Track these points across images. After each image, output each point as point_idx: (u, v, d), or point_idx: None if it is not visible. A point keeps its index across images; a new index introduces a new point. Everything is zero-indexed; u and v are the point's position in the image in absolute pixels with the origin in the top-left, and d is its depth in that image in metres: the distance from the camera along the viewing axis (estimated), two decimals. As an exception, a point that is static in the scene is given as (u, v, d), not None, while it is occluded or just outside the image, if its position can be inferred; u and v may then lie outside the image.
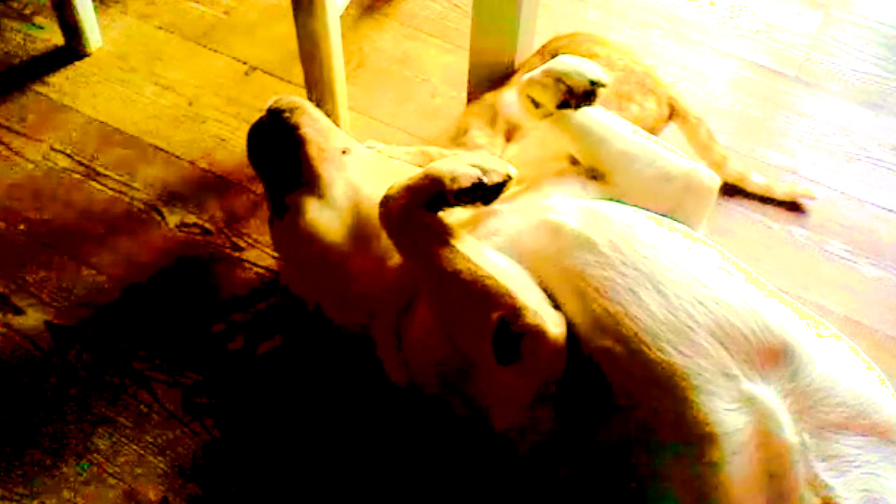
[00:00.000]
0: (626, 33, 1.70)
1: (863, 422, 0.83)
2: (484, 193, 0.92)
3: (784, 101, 1.61)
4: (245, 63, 1.63)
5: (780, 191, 1.42)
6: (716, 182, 1.06)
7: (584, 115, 1.07)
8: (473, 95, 1.43)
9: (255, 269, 1.33)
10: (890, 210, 1.45)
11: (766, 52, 1.69)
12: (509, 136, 1.31)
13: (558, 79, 1.05)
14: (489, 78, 1.41)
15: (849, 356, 0.88)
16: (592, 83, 1.05)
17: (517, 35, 1.36)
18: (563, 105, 1.06)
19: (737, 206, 1.42)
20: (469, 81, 1.46)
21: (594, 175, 1.07)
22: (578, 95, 1.05)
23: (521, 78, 1.10)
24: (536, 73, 1.06)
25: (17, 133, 1.51)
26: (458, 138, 1.34)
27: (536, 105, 1.08)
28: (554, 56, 1.22)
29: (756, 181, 1.41)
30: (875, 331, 1.28)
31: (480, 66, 1.42)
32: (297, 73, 1.42)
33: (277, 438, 1.16)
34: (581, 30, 1.42)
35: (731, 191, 1.41)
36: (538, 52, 1.38)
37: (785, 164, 1.49)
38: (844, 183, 1.48)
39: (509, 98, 1.29)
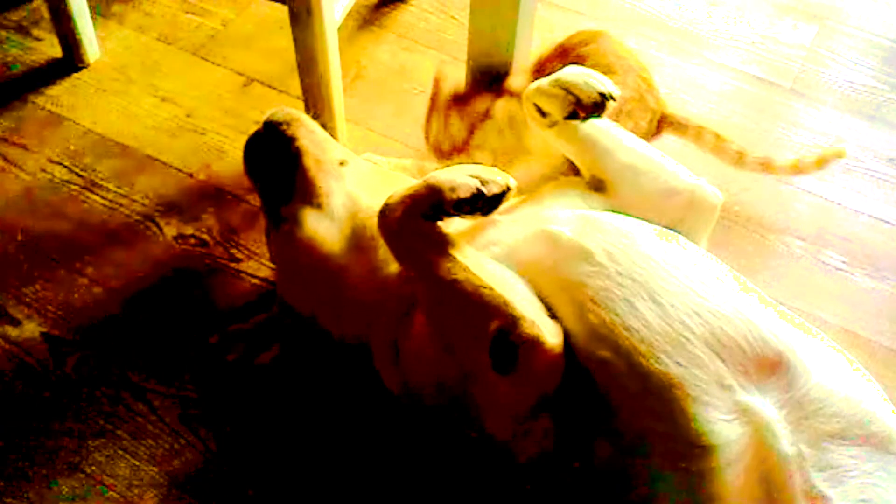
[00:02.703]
0: (622, 45, 1.71)
1: (859, 432, 0.83)
2: (483, 204, 0.92)
3: (779, 113, 1.61)
4: (243, 75, 1.63)
5: (809, 162, 1.36)
6: (719, 199, 1.06)
7: (589, 126, 1.07)
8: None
9: (252, 280, 1.33)
10: (885, 221, 1.45)
11: (761, 64, 1.70)
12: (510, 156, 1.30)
13: (567, 89, 1.04)
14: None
15: (844, 367, 0.88)
16: (602, 95, 1.04)
17: (514, 47, 1.36)
18: (571, 116, 1.05)
19: (733, 217, 1.43)
20: (466, 93, 1.47)
21: (596, 186, 1.07)
22: (587, 107, 1.04)
23: (530, 85, 1.09)
24: (544, 82, 1.05)
25: (15, 144, 1.51)
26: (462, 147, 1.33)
27: (543, 114, 1.08)
28: (578, 61, 1.20)
29: (782, 162, 1.36)
30: (870, 341, 1.29)
31: (478, 77, 1.42)
32: (295, 85, 1.42)
33: (275, 450, 1.16)
34: (605, 31, 1.35)
35: (727, 202, 1.41)
36: (559, 46, 1.33)
37: (780, 174, 1.50)
38: (840, 194, 1.48)
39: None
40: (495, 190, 0.91)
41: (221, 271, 1.34)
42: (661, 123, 1.33)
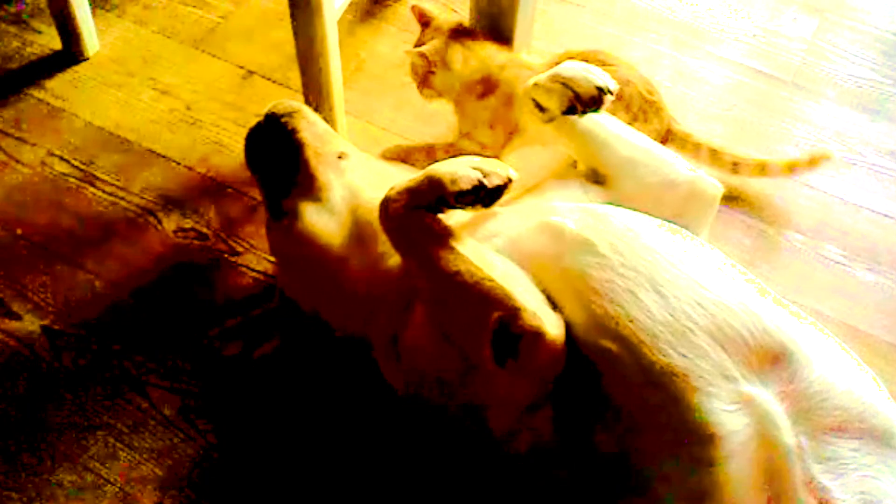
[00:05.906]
0: (622, 38, 1.71)
1: (859, 425, 0.83)
2: (485, 196, 0.92)
3: (780, 106, 1.61)
4: (243, 68, 1.63)
5: (804, 161, 1.38)
6: (719, 190, 1.07)
7: (588, 120, 1.07)
8: None
9: (252, 273, 1.33)
10: (886, 215, 1.45)
11: (762, 57, 1.70)
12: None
13: (565, 84, 1.04)
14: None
15: (846, 360, 0.88)
16: (599, 90, 1.04)
17: (514, 40, 1.36)
18: (570, 111, 1.06)
19: (733, 211, 1.43)
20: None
21: (596, 179, 1.07)
22: (585, 101, 1.04)
23: (528, 82, 1.09)
24: (542, 77, 1.06)
25: (14, 138, 1.51)
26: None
27: (542, 109, 1.08)
28: None
29: (777, 163, 1.38)
30: (870, 335, 1.29)
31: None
32: (295, 78, 1.42)
33: (274, 444, 1.16)
34: (610, 51, 1.37)
35: (727, 196, 1.41)
36: (581, 53, 1.32)
37: (781, 168, 1.50)
38: (840, 188, 1.48)
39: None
40: (497, 182, 0.91)
41: (221, 265, 1.34)
42: (664, 139, 1.34)
